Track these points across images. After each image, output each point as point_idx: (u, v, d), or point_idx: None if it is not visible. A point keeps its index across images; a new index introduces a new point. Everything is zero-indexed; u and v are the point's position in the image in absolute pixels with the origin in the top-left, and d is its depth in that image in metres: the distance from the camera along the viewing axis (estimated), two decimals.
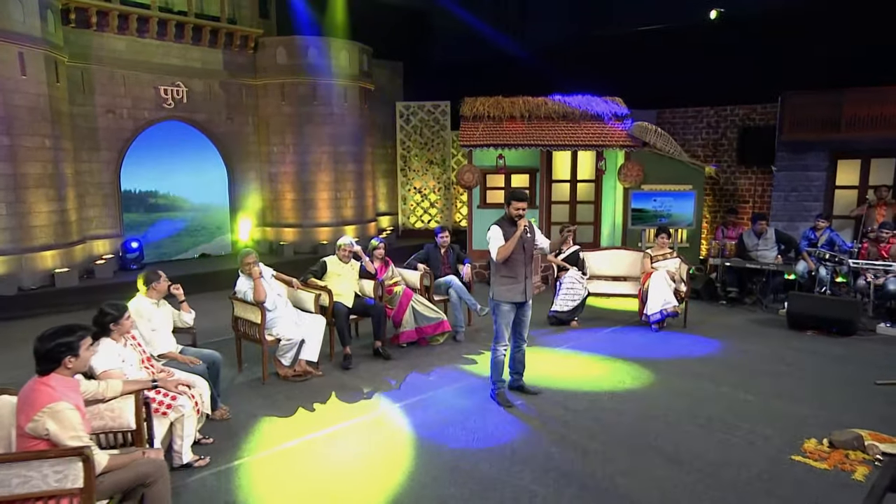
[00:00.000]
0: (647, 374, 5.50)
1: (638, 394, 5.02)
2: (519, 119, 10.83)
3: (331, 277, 6.28)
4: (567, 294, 7.34)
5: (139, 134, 10.43)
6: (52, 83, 8.74)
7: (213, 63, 11.21)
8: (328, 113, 11.86)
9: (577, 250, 7.77)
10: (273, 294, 5.59)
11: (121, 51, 10.04)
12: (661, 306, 7.00)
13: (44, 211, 8.63)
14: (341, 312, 5.92)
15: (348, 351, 5.95)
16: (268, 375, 5.46)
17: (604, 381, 5.36)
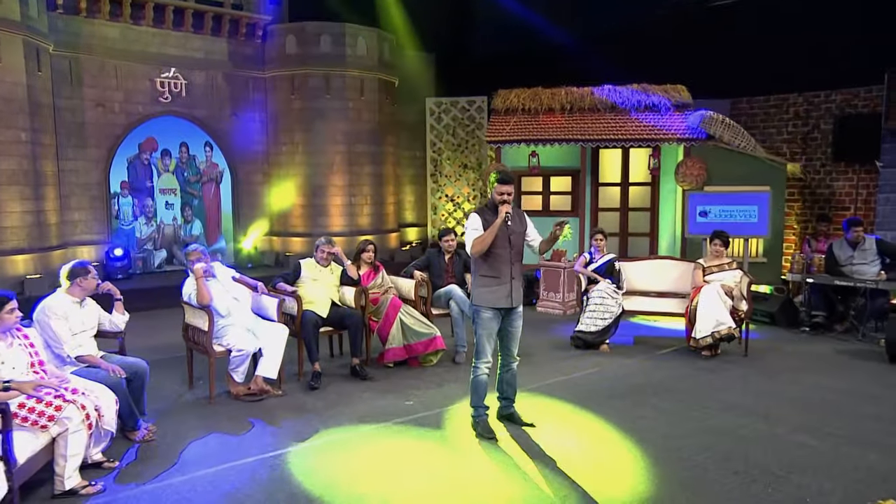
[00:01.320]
0: (677, 409, 4.85)
1: (659, 429, 4.39)
2: (558, 112, 10.42)
3: (305, 283, 5.98)
4: (595, 311, 6.76)
5: (131, 130, 10.63)
6: (33, 72, 9.00)
7: (216, 53, 11.37)
8: (342, 108, 11.78)
9: (612, 259, 7.20)
10: (227, 298, 5.32)
11: (113, 39, 10.31)
12: (712, 328, 6.33)
13: (16, 211, 8.80)
14: (309, 322, 5.59)
15: (317, 368, 5.60)
16: (218, 394, 5.21)
17: (614, 411, 4.75)
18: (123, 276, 9.98)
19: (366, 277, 6.45)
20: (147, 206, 10.81)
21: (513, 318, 4.53)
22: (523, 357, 6.29)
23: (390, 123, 12.71)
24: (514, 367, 4.66)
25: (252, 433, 4.46)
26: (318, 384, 5.48)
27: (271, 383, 5.32)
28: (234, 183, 11.83)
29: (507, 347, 4.60)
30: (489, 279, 4.42)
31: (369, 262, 6.51)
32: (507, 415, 4.69)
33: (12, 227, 8.77)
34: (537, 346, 6.93)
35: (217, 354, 5.13)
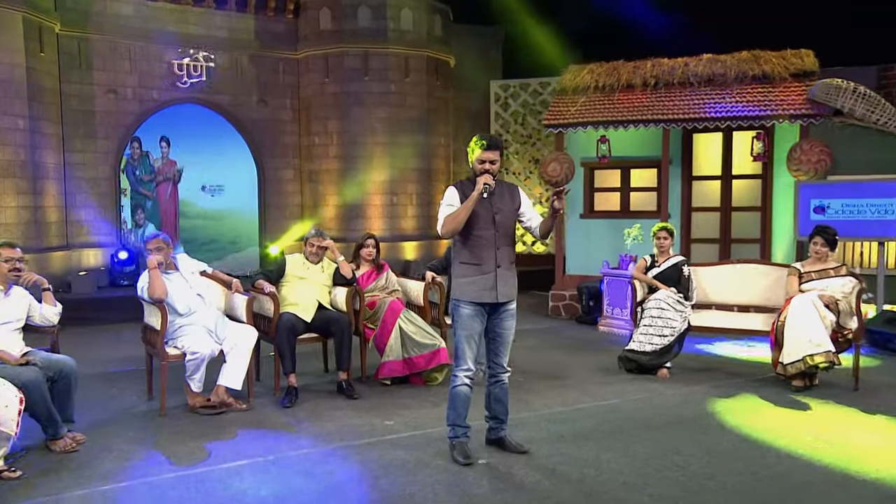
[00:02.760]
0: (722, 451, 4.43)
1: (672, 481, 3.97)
2: (639, 88, 10.01)
3: (290, 281, 5.94)
4: (652, 326, 6.33)
5: (146, 119, 11.15)
6: (34, 53, 9.62)
7: (243, 32, 11.79)
8: (383, 91, 11.88)
9: (680, 263, 6.73)
10: (189, 295, 5.35)
11: (127, 17, 10.89)
12: (804, 351, 5.74)
13: (11, 206, 9.38)
14: (284, 326, 5.51)
15: (292, 382, 5.52)
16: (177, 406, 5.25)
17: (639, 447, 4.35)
18: (129, 282, 10.39)
19: (365, 278, 6.35)
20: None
21: (501, 317, 4.29)
22: (555, 378, 6.06)
23: (443, 110, 12.68)
24: (504, 380, 4.39)
25: (185, 449, 4.41)
26: (292, 402, 5.38)
27: (235, 395, 5.27)
28: (262, 181, 12.13)
29: (496, 353, 4.36)
30: (469, 267, 4.22)
31: (370, 259, 6.41)
32: (497, 439, 4.42)
33: (6, 224, 9.34)
34: (578, 367, 6.62)
35: (170, 358, 5.14)
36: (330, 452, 4.35)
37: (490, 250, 4.21)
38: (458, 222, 4.13)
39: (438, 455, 4.27)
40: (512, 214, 4.35)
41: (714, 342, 7.67)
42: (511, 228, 4.33)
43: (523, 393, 5.70)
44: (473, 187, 4.17)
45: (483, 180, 4.12)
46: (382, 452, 4.34)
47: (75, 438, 4.46)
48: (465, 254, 4.25)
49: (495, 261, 4.20)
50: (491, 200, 4.24)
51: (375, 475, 3.96)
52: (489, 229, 4.21)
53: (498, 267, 4.21)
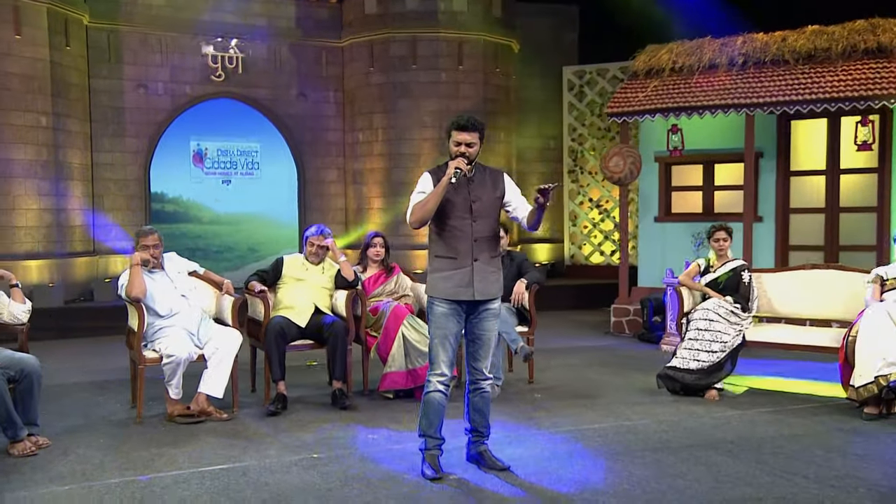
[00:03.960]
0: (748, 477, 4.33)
1: None
2: (723, 69, 9.82)
3: (287, 283, 6.21)
4: (697, 341, 6.23)
5: (178, 116, 11.79)
6: (60, 46, 10.37)
7: (282, 19, 12.30)
8: (433, 81, 12.12)
9: (740, 268, 6.60)
10: (173, 296, 5.68)
11: (158, 6, 11.58)
12: (878, 371, 5.54)
13: (32, 208, 10.11)
14: (273, 330, 5.76)
15: (281, 390, 5.77)
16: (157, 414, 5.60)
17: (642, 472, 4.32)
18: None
19: (372, 281, 6.54)
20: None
21: (480, 317, 4.38)
22: (580, 398, 6.07)
23: (503, 101, 12.79)
24: (485, 388, 4.48)
25: (146, 455, 4.71)
26: (279, 409, 5.62)
27: (216, 404, 5.54)
28: (302, 182, 12.56)
29: (474, 359, 4.47)
30: (444, 261, 4.35)
31: (378, 260, 6.60)
32: (477, 454, 4.49)
33: (27, 228, 10.08)
34: (616, 387, 6.60)
35: (147, 361, 5.47)
36: (294, 463, 4.54)
37: (466, 242, 4.31)
38: (426, 210, 4.26)
39: (410, 470, 4.40)
40: (493, 203, 4.44)
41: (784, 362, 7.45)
42: (492, 219, 4.42)
43: (534, 410, 5.79)
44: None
45: (454, 164, 4.22)
46: (350, 465, 4.51)
47: (37, 443, 4.82)
48: (439, 246, 4.37)
49: (472, 254, 4.30)
50: (469, 187, 4.35)
51: (329, 487, 4.12)
52: (465, 219, 4.32)
53: (475, 261, 4.31)
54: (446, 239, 4.33)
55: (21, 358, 4.90)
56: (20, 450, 4.71)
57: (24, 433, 4.76)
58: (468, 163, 4.30)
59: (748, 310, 6.50)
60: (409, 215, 4.35)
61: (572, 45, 14.66)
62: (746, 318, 6.48)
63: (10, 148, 9.94)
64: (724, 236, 6.75)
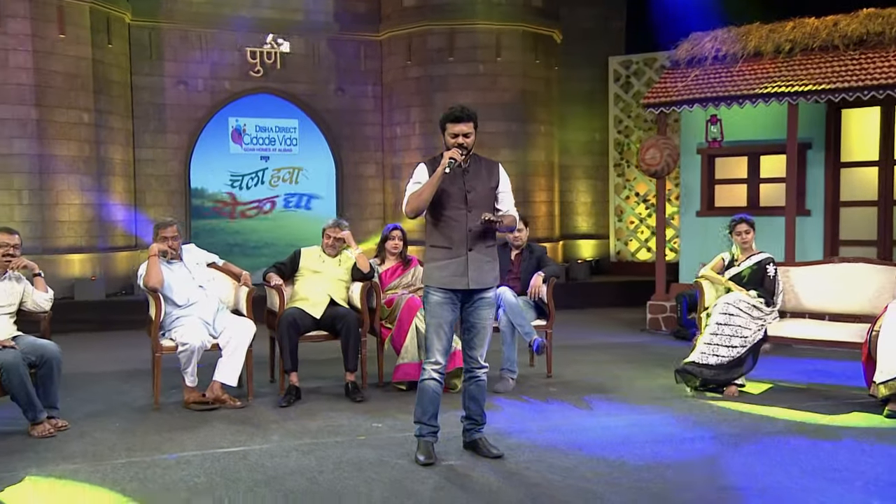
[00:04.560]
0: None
1: None
2: (768, 56, 9.74)
3: (303, 275, 6.47)
4: (717, 335, 6.27)
5: (217, 112, 12.20)
6: (102, 45, 10.87)
7: (319, 13, 12.62)
8: (470, 73, 12.29)
9: (765, 261, 6.61)
10: (191, 287, 5.99)
11: (199, 3, 12.00)
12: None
13: (75, 203, 10.62)
14: (286, 322, 6.02)
15: (293, 381, 6.02)
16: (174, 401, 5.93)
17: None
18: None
19: (389, 273, 6.76)
20: None
21: (475, 305, 4.57)
22: (597, 392, 6.21)
23: (543, 93, 12.88)
24: (480, 377, 4.66)
25: (156, 439, 5.03)
26: (290, 402, 5.87)
27: (230, 392, 5.82)
28: (339, 177, 12.87)
29: (470, 347, 4.65)
30: (439, 251, 4.54)
31: (396, 252, 6.81)
32: (471, 441, 4.68)
33: (69, 223, 10.59)
34: (637, 383, 6.68)
35: (164, 350, 5.79)
36: (294, 448, 4.80)
37: (461, 232, 4.50)
38: (421, 200, 4.46)
39: (404, 456, 4.61)
40: (488, 194, 4.62)
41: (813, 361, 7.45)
42: (487, 209, 4.59)
43: (545, 403, 5.95)
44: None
45: (449, 154, 4.41)
46: (347, 450, 4.74)
47: (56, 425, 5.18)
48: (435, 236, 4.57)
49: (467, 244, 4.49)
50: (464, 178, 4.54)
51: (321, 470, 4.36)
52: (460, 209, 4.51)
53: (469, 250, 4.49)
54: (442, 229, 4.53)
55: (42, 344, 5.26)
56: (40, 431, 5.07)
57: (43, 416, 5.11)
58: (465, 152, 4.48)
59: (772, 304, 6.51)
60: (404, 205, 4.55)
61: (619, 34, 14.62)
62: (770, 312, 6.48)
63: (54, 144, 10.46)
64: (746, 229, 6.75)
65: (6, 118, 10.24)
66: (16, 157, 10.32)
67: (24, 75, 10.26)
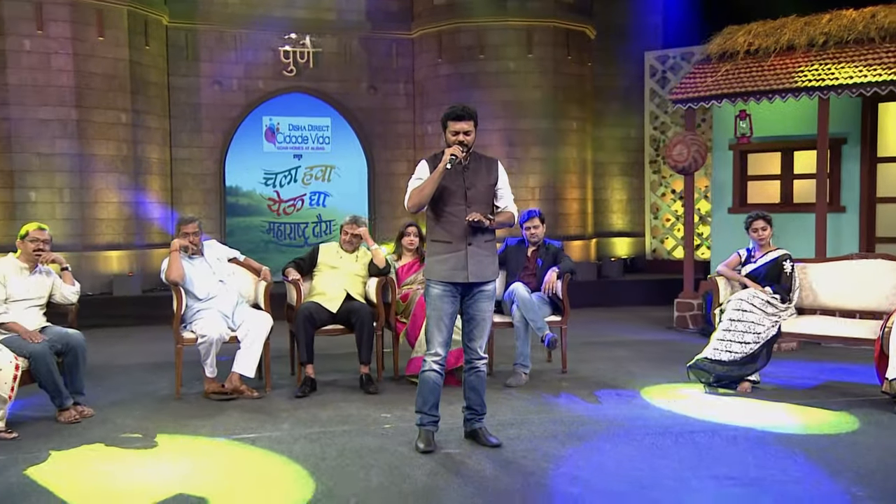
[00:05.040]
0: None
1: None
2: (801, 50, 9.73)
3: (321, 270, 6.74)
4: (730, 332, 6.35)
5: (251, 112, 12.58)
6: (139, 46, 11.30)
7: (352, 12, 12.93)
8: (500, 71, 12.46)
9: (782, 258, 6.68)
10: (211, 281, 6.30)
11: (234, 4, 12.40)
12: None
13: (113, 202, 11.07)
14: (302, 315, 6.29)
15: (309, 372, 6.28)
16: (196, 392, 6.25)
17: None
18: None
19: (406, 269, 7.00)
20: None
21: (475, 298, 4.77)
22: (607, 387, 6.41)
23: (575, 89, 12.99)
24: (480, 368, 4.85)
25: (172, 425, 5.33)
26: (305, 393, 6.14)
27: (248, 383, 6.12)
28: (371, 175, 13.16)
29: (469, 338, 4.84)
30: (440, 245, 4.75)
31: (412, 249, 7.04)
32: (472, 431, 4.88)
33: (108, 220, 11.05)
34: (651, 378, 6.80)
35: (185, 342, 6.10)
36: (302, 435, 5.06)
37: (461, 227, 4.70)
38: (423, 195, 4.68)
39: (405, 444, 4.83)
40: (487, 190, 4.82)
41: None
42: (486, 205, 4.79)
43: (554, 397, 6.14)
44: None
45: (451, 151, 4.63)
46: (351, 438, 4.99)
47: (82, 412, 5.51)
48: (436, 231, 4.79)
49: (466, 239, 4.70)
50: (464, 175, 4.75)
51: (324, 457, 4.60)
52: (461, 205, 4.71)
53: (469, 245, 4.70)
54: (442, 224, 4.74)
55: (68, 333, 5.60)
56: (66, 417, 5.41)
57: (69, 402, 5.45)
58: (465, 149, 4.69)
59: (788, 301, 6.58)
60: (406, 200, 4.77)
61: (655, 29, 14.66)
62: (785, 308, 6.55)
63: (93, 144, 10.91)
64: (763, 225, 6.82)
65: (48, 119, 10.71)
66: (57, 156, 10.79)
67: (65, 77, 10.74)
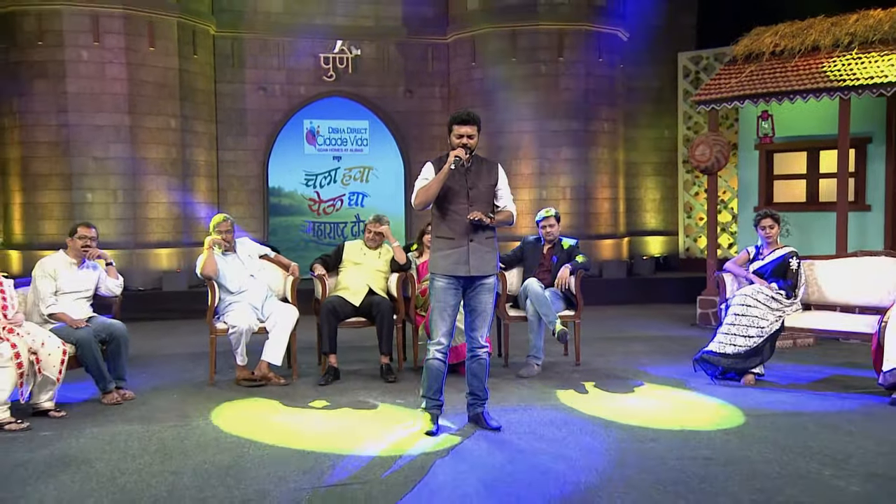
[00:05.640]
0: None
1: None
2: (826, 50, 9.84)
3: (346, 266, 7.17)
4: (735, 325, 6.59)
5: (293, 116, 13.11)
6: (187, 55, 11.90)
7: (390, 19, 13.37)
8: (531, 74, 12.77)
9: (789, 255, 6.90)
10: (243, 275, 6.76)
11: (277, 13, 12.93)
12: None
13: (162, 202, 11.69)
14: (326, 309, 6.72)
15: (332, 362, 6.70)
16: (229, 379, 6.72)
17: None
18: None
19: (426, 265, 7.35)
20: None
21: (476, 290, 5.13)
22: (614, 378, 6.73)
23: (606, 91, 13.22)
24: (481, 356, 5.21)
25: (200, 408, 5.81)
26: (328, 381, 6.56)
27: (275, 371, 6.57)
28: (408, 175, 13.57)
29: (471, 328, 5.21)
30: (443, 241, 5.13)
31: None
32: (474, 415, 5.24)
33: (158, 219, 11.67)
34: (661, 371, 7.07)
35: (218, 332, 6.58)
36: (310, 416, 5.57)
37: (463, 224, 5.08)
38: (429, 195, 5.06)
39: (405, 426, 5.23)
40: (488, 190, 5.18)
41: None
42: (487, 204, 5.17)
43: (560, 387, 6.45)
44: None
45: (455, 153, 4.99)
46: (361, 419, 5.45)
47: (124, 395, 6.02)
48: (440, 228, 5.17)
49: (468, 235, 5.07)
50: (466, 176, 5.11)
51: (324, 433, 5.06)
52: (463, 204, 5.09)
53: (471, 241, 5.07)
54: (446, 221, 5.12)
55: (111, 323, 6.11)
56: (109, 399, 5.92)
57: (112, 386, 5.96)
58: (468, 151, 5.06)
59: (793, 296, 6.77)
60: (413, 198, 5.16)
61: (689, 30, 14.79)
62: (790, 304, 6.74)
63: (144, 148, 11.55)
64: (770, 223, 7.03)
65: (104, 125, 11.37)
66: (111, 160, 11.44)
67: (119, 85, 11.38)
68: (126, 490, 4.09)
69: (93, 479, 4.27)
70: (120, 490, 4.09)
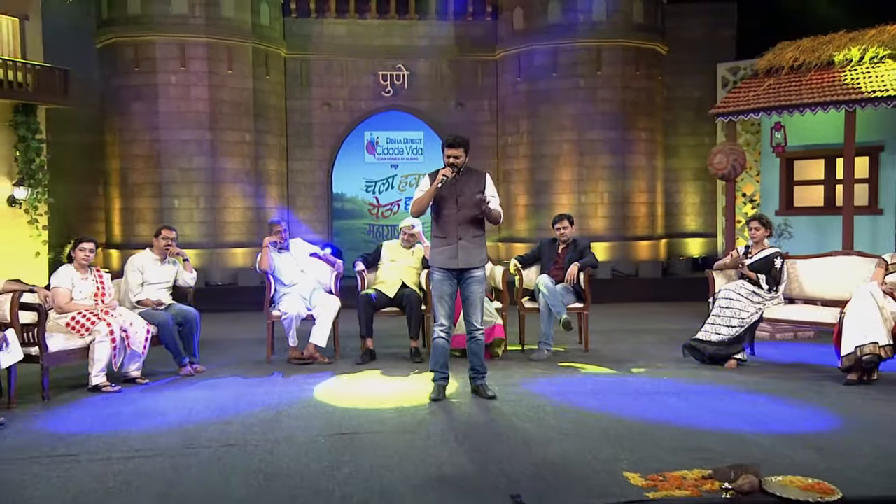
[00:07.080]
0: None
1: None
2: (840, 64, 10.35)
3: (384, 263, 8.24)
4: (720, 317, 7.35)
5: (354, 128, 14.31)
6: (261, 76, 13.21)
7: (442, 38, 14.44)
8: (571, 87, 13.66)
9: (773, 255, 7.61)
10: (295, 270, 7.89)
11: (340, 37, 14.15)
12: (856, 342, 6.48)
13: (238, 207, 13.02)
14: (362, 300, 7.77)
15: (369, 345, 7.75)
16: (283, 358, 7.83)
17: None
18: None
19: None
20: None
21: (467, 282, 6.08)
22: (616, 362, 7.57)
23: (644, 102, 14.00)
24: (477, 336, 6.15)
25: (254, 381, 6.92)
26: (365, 361, 7.62)
27: (321, 352, 7.68)
28: None
29: (467, 314, 6.15)
30: (438, 240, 6.10)
31: None
32: (475, 388, 6.18)
33: (234, 223, 13.01)
34: (660, 357, 7.86)
35: (273, 318, 7.73)
36: (344, 383, 6.68)
37: (453, 226, 6.01)
38: (421, 205, 6.05)
39: (422, 394, 6.21)
40: (477, 198, 6.00)
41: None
42: (474, 209, 6.01)
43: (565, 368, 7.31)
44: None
45: (443, 172, 5.96)
46: (381, 390, 6.45)
47: (196, 369, 7.21)
48: (436, 229, 6.12)
49: (457, 234, 6.00)
50: (456, 186, 6.01)
51: (350, 396, 6.15)
52: (453, 209, 6.02)
53: (459, 239, 5.99)
54: (441, 224, 6.05)
55: (186, 309, 7.30)
56: (184, 372, 7.09)
57: (186, 361, 7.16)
58: (455, 169, 5.96)
59: (774, 291, 7.47)
60: (410, 206, 6.16)
61: (729, 41, 15.34)
62: (771, 298, 7.43)
63: (223, 160, 12.92)
64: (757, 226, 7.74)
65: (188, 139, 12.77)
66: (195, 170, 12.83)
67: (202, 105, 12.76)
68: (189, 433, 5.23)
69: (164, 426, 5.44)
70: (185, 433, 5.24)
